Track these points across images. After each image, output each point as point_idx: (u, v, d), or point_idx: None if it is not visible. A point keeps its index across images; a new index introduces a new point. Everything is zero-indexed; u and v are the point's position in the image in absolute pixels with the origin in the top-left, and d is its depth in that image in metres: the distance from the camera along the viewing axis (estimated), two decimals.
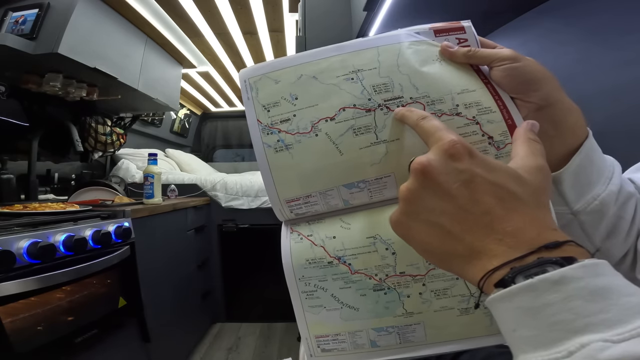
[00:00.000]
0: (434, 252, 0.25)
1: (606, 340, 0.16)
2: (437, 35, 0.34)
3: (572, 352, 0.17)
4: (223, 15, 1.83)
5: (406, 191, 0.25)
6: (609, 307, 0.18)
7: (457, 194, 0.23)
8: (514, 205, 0.23)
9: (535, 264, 0.20)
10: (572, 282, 0.19)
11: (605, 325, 0.17)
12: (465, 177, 0.23)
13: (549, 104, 0.32)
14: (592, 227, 0.34)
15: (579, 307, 0.18)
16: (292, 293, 0.33)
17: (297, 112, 0.33)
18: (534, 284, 0.19)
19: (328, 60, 0.34)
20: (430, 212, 0.24)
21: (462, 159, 0.23)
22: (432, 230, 0.24)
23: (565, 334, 0.18)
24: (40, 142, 1.58)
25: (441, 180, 0.23)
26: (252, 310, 2.22)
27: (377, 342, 0.32)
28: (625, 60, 0.59)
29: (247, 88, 0.34)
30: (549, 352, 0.18)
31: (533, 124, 0.28)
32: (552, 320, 0.18)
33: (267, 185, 0.33)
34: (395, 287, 0.31)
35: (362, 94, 0.33)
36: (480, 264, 0.22)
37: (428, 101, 0.32)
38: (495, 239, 0.22)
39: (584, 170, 0.33)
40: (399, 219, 0.26)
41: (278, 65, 0.34)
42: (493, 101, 0.32)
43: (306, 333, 0.33)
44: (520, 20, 0.83)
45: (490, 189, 0.23)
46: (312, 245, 0.33)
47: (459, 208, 0.23)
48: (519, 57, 0.32)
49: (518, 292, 0.19)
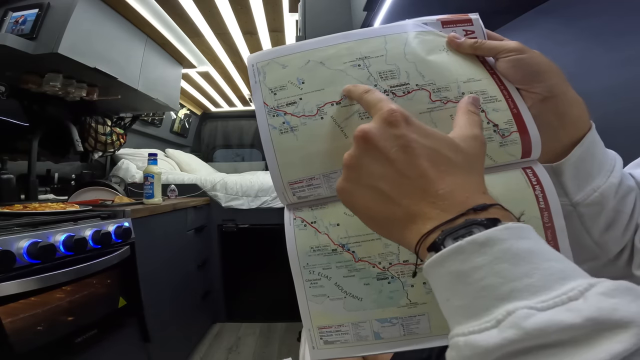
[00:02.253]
0: (376, 219, 0.25)
1: (531, 308, 0.17)
2: (444, 27, 0.35)
3: (500, 321, 0.17)
4: (223, 15, 1.83)
5: (349, 157, 0.26)
6: (532, 271, 0.18)
7: (395, 158, 0.24)
8: (447, 169, 0.23)
9: (462, 226, 0.21)
10: (497, 243, 0.19)
11: (530, 291, 0.18)
12: (402, 142, 0.24)
13: (553, 96, 0.33)
14: (591, 219, 0.35)
15: (505, 270, 0.18)
16: (296, 282, 0.33)
17: (303, 96, 0.33)
18: (463, 246, 0.20)
19: (336, 47, 0.34)
20: (370, 177, 0.25)
21: (399, 126, 0.24)
22: (373, 195, 0.25)
23: (493, 301, 0.18)
24: (40, 142, 1.57)
25: (380, 145, 0.24)
26: (252, 310, 2.22)
27: (381, 334, 0.31)
28: (623, 60, 0.59)
29: (255, 72, 0.35)
30: (480, 322, 0.18)
31: (475, 97, 0.29)
32: (480, 284, 0.19)
33: (271, 167, 0.33)
34: (399, 276, 0.31)
35: (368, 80, 0.33)
36: (415, 228, 0.23)
37: (434, 88, 0.32)
38: (429, 202, 0.23)
39: (585, 162, 0.34)
40: (342, 186, 0.27)
41: (286, 51, 0.35)
42: (498, 90, 0.32)
43: (309, 324, 0.32)
44: (520, 20, 0.83)
45: (425, 153, 0.24)
46: (317, 232, 0.33)
47: (397, 172, 0.24)
48: (525, 49, 0.32)
49: (448, 255, 0.20)
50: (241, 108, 3.72)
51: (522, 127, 0.31)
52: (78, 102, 1.59)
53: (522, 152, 0.31)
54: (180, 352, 1.66)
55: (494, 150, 0.31)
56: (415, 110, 0.32)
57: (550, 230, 0.29)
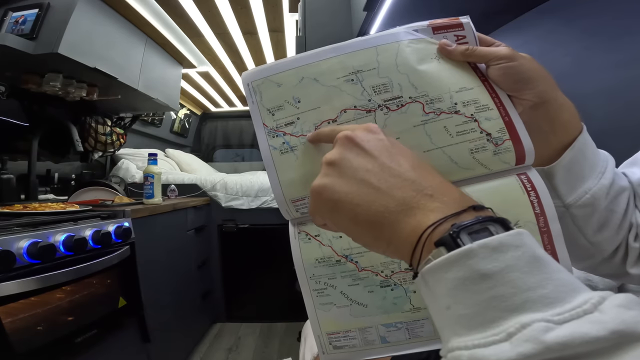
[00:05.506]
0: (362, 218, 0.23)
1: (548, 321, 0.16)
2: (435, 33, 0.35)
3: (512, 334, 0.16)
4: (223, 15, 1.84)
5: (330, 155, 0.26)
6: (545, 281, 0.17)
7: (379, 155, 0.25)
8: (430, 170, 0.24)
9: (476, 221, 0.19)
10: (510, 250, 0.18)
11: (544, 303, 0.17)
12: (384, 144, 0.25)
13: (543, 102, 0.33)
14: (584, 220, 0.35)
15: (517, 279, 0.17)
16: (304, 292, 0.34)
17: (300, 115, 0.34)
18: (474, 250, 0.18)
19: (328, 61, 0.34)
20: (356, 170, 0.24)
21: (379, 133, 0.27)
22: (360, 189, 0.24)
23: (502, 312, 0.17)
24: (40, 142, 1.57)
25: (364, 144, 0.25)
26: (252, 310, 2.22)
27: (387, 338, 0.32)
28: (622, 60, 0.59)
29: (251, 92, 0.35)
30: (485, 335, 0.17)
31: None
32: (490, 294, 0.17)
33: (274, 186, 0.34)
34: (402, 283, 0.32)
35: (362, 95, 0.33)
36: (414, 220, 0.21)
37: (427, 100, 0.32)
38: (426, 194, 0.22)
39: (576, 164, 0.34)
40: (322, 183, 0.25)
41: (279, 67, 0.35)
42: (490, 99, 0.32)
43: (318, 330, 0.33)
44: (520, 20, 0.83)
45: (406, 154, 0.25)
46: (320, 245, 0.34)
47: (383, 165, 0.24)
48: (515, 55, 0.32)
49: (457, 259, 0.19)
50: (241, 108, 3.72)
51: (514, 135, 0.31)
52: (78, 102, 1.59)
53: (516, 159, 0.31)
54: (180, 352, 1.66)
55: (488, 158, 0.31)
56: (410, 124, 0.32)
57: (547, 234, 0.30)
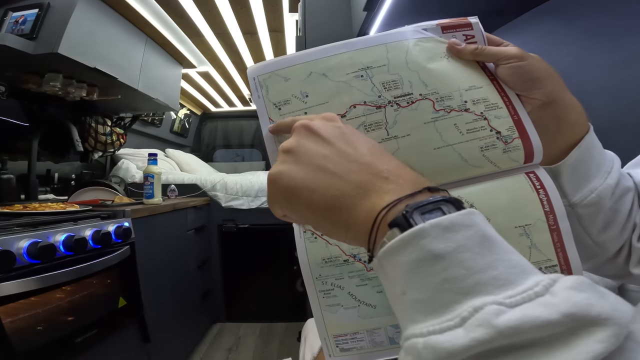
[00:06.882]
0: (319, 203, 0.23)
1: (500, 304, 0.16)
2: (444, 32, 0.35)
3: (466, 318, 0.16)
4: (223, 15, 1.83)
5: (286, 143, 0.26)
6: (496, 262, 0.17)
7: (335, 141, 0.25)
8: (387, 155, 0.25)
9: (429, 201, 0.20)
10: (461, 229, 0.18)
11: (495, 285, 0.16)
12: (341, 131, 0.26)
13: (551, 101, 0.33)
14: (589, 219, 0.35)
15: (469, 259, 0.17)
16: (309, 293, 0.33)
17: (308, 110, 0.33)
18: (426, 229, 0.18)
19: (337, 57, 0.34)
20: (312, 157, 0.25)
21: (336, 121, 0.27)
22: (315, 175, 0.24)
23: (456, 295, 0.17)
24: (40, 142, 1.57)
25: (321, 131, 0.26)
26: (252, 310, 2.22)
27: (396, 339, 0.32)
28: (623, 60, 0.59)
29: (257, 86, 0.34)
30: (440, 320, 0.16)
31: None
32: (443, 276, 0.17)
33: None
34: None
35: (372, 91, 0.33)
36: (369, 203, 0.21)
37: (437, 97, 0.32)
38: (382, 177, 0.22)
39: (582, 164, 0.34)
40: (278, 170, 0.25)
41: (287, 62, 0.34)
42: (499, 97, 0.32)
43: (324, 333, 0.32)
44: (520, 20, 0.83)
45: (363, 140, 0.26)
46: (327, 244, 0.33)
47: (339, 151, 0.24)
48: (525, 55, 0.33)
49: (409, 240, 0.18)
50: (241, 108, 3.71)
51: (523, 133, 0.31)
52: (78, 102, 1.59)
53: (525, 158, 0.31)
54: (180, 352, 1.66)
55: (498, 156, 0.31)
56: (420, 121, 0.32)
57: (556, 232, 0.30)
